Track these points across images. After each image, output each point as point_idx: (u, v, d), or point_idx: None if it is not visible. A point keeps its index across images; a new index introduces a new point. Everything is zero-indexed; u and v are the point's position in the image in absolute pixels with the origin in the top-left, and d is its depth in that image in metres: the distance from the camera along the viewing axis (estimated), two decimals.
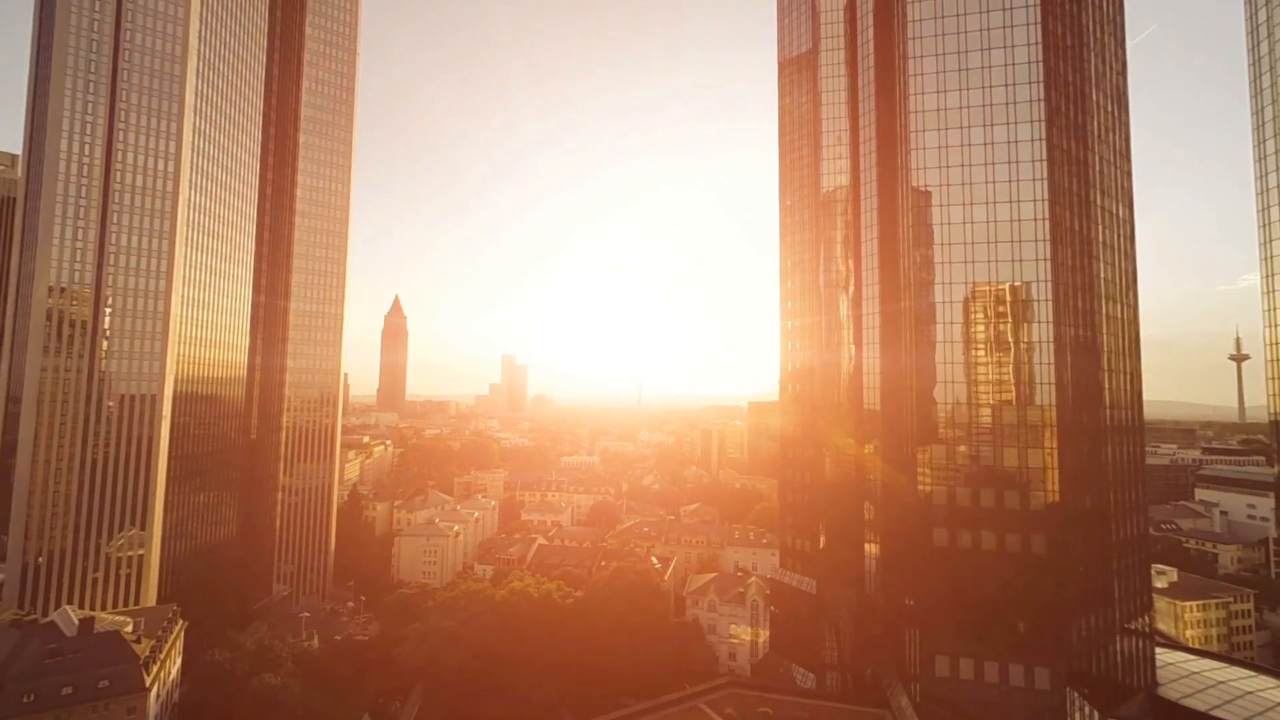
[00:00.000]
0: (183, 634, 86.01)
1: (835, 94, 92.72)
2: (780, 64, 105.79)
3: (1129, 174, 66.90)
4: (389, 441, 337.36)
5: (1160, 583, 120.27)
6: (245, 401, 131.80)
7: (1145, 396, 67.45)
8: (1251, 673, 63.52)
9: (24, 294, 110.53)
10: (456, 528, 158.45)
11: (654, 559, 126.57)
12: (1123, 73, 67.45)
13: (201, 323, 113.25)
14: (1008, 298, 56.72)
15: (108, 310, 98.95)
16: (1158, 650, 67.13)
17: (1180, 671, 62.90)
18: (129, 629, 74.22)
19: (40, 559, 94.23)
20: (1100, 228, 61.59)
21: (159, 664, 74.29)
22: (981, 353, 57.22)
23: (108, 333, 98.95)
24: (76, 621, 71.02)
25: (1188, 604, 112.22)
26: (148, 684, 69.55)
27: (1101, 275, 61.57)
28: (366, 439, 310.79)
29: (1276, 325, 61.19)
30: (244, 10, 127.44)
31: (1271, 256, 62.09)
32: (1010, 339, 56.64)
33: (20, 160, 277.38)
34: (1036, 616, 53.61)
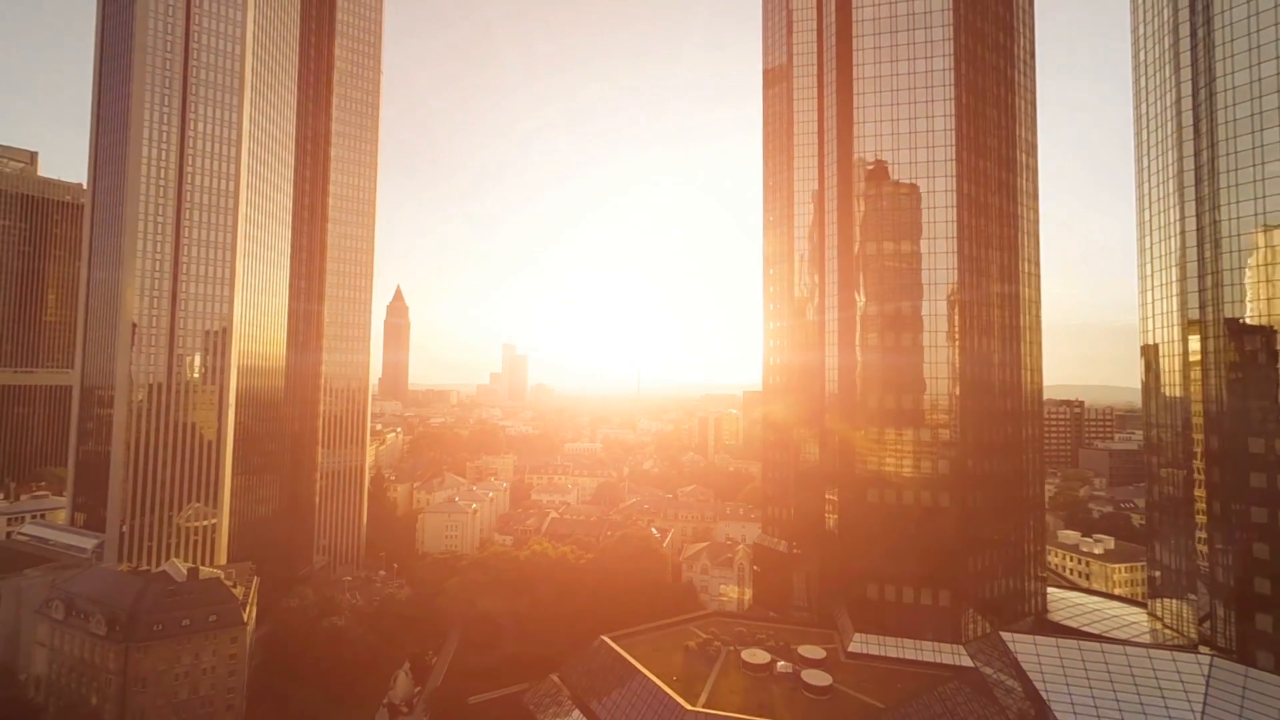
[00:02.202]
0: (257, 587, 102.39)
1: (807, 107, 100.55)
2: (764, 73, 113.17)
3: (1037, 231, 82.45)
4: (399, 429, 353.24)
5: (1097, 549, 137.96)
6: (286, 392, 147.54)
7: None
8: (1126, 605, 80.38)
9: (97, 299, 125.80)
10: (474, 505, 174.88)
11: (654, 530, 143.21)
12: (1031, 126, 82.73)
13: (254, 323, 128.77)
14: (925, 312, 72.55)
15: (181, 314, 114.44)
16: (1057, 590, 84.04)
17: (1069, 604, 79.70)
18: (223, 578, 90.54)
19: (125, 527, 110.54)
20: (1005, 254, 77.42)
21: (248, 606, 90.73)
22: (906, 355, 73.07)
23: (182, 334, 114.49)
24: (184, 571, 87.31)
25: (1116, 566, 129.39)
26: (245, 620, 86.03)
27: (1006, 293, 77.39)
28: (379, 426, 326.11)
29: (1147, 332, 77.34)
30: (283, 36, 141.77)
31: (1146, 275, 78.09)
32: (927, 344, 72.55)
33: (39, 156, 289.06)
34: (942, 553, 69.90)
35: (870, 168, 75.15)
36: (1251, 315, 63.65)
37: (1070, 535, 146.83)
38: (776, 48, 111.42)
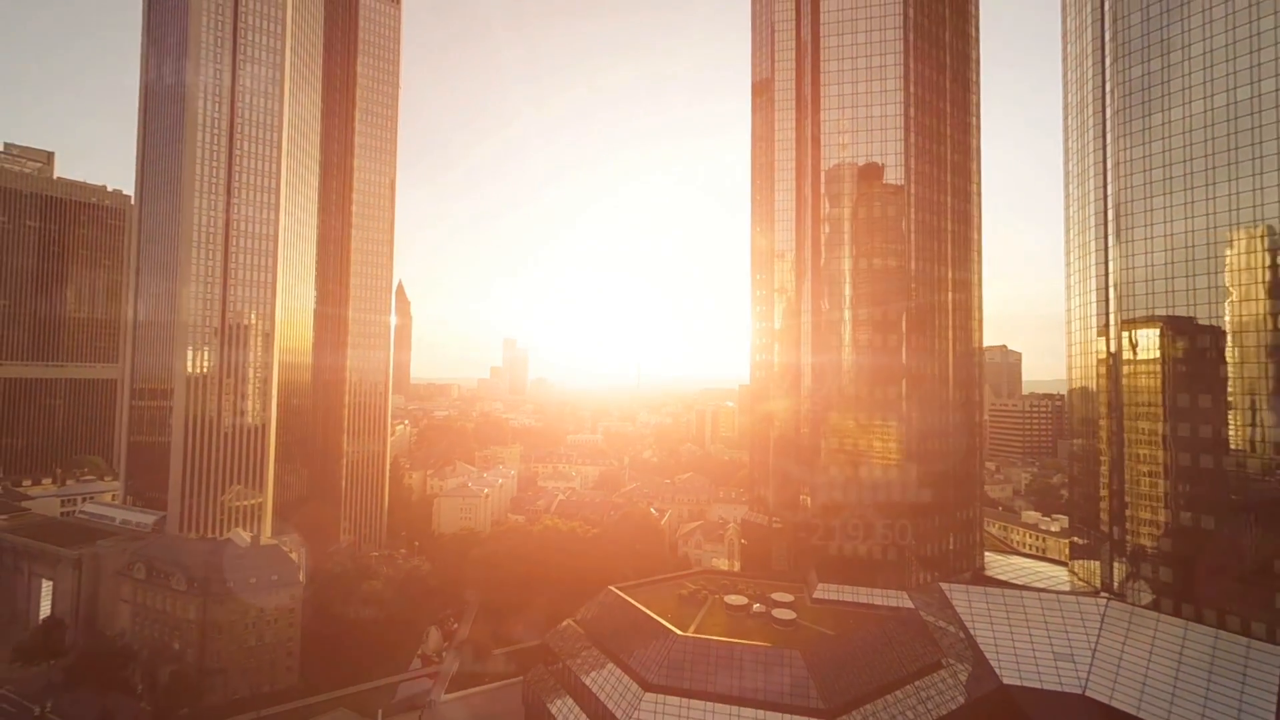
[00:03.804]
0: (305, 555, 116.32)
1: (786, 127, 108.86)
2: (752, 85, 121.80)
3: (980, 243, 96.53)
4: (406, 421, 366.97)
5: (1054, 527, 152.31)
6: (315, 386, 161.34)
7: None
8: (1053, 565, 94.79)
9: (147, 302, 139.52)
10: (486, 490, 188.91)
11: (653, 510, 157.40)
12: (977, 157, 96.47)
13: (290, 323, 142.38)
14: (883, 317, 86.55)
15: (230, 315, 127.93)
16: (996, 554, 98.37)
17: (1004, 563, 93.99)
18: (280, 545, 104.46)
19: (180, 505, 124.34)
20: (953, 268, 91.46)
21: (300, 570, 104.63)
22: (864, 354, 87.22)
23: (230, 334, 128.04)
24: (247, 539, 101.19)
25: (1069, 541, 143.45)
26: (301, 580, 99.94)
27: (954, 300, 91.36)
28: None
29: (1070, 335, 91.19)
30: (311, 57, 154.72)
31: (1070, 285, 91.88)
32: (881, 346, 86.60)
33: (55, 157, 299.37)
34: (892, 518, 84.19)
35: (834, 186, 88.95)
36: (1142, 325, 77.56)
37: (1032, 515, 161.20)
38: (762, 61, 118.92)
